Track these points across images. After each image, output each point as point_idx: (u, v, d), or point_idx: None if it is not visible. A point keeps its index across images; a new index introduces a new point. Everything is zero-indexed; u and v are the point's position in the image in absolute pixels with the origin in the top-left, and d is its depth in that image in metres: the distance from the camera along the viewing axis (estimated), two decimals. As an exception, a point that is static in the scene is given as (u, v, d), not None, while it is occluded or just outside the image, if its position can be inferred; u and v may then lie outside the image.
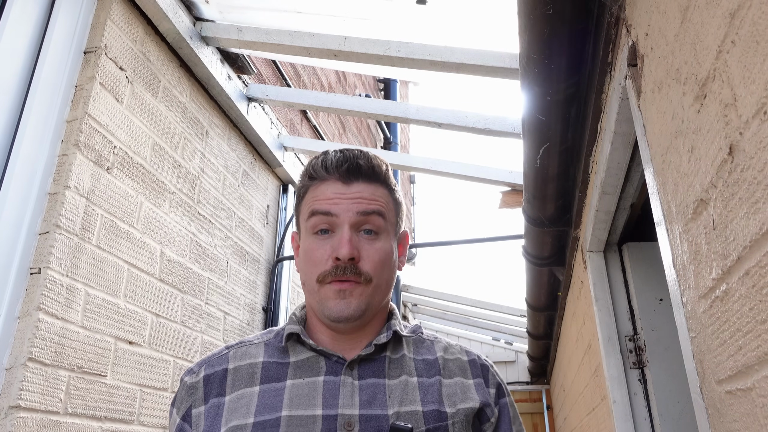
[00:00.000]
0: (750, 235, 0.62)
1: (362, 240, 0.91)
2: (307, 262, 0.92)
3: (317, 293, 0.91)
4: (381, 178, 0.96)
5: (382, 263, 0.91)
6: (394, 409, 0.83)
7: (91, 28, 1.83)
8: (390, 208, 0.96)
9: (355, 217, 0.90)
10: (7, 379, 1.42)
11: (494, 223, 11.85)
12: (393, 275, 0.97)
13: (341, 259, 0.87)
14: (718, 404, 0.79)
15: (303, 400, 0.84)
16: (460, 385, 0.91)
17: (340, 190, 0.92)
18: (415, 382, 0.88)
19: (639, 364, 1.91)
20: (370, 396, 0.84)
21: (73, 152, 1.65)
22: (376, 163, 0.95)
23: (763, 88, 0.56)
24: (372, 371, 0.88)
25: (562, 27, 1.33)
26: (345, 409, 0.82)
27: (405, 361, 0.91)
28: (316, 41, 2.25)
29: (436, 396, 0.87)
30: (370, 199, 0.92)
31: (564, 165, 1.94)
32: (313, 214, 0.92)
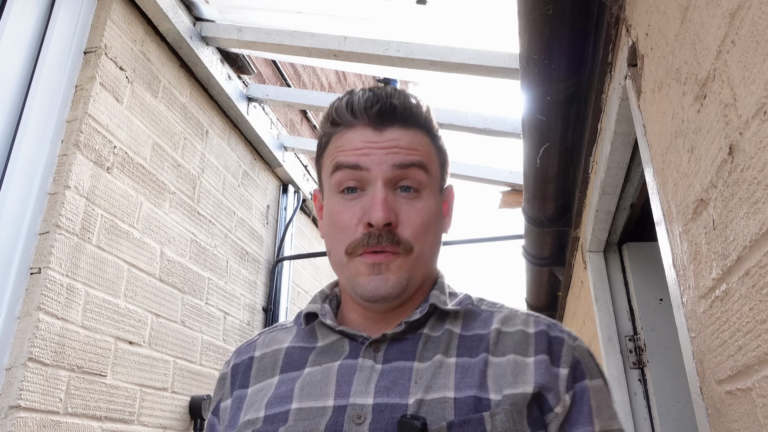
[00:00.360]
0: (750, 235, 0.62)
1: (400, 200, 0.74)
2: (333, 229, 0.76)
3: (346, 267, 0.76)
4: (421, 122, 0.78)
5: (425, 227, 0.75)
6: (417, 397, 0.66)
7: (91, 28, 1.83)
8: (433, 158, 0.79)
9: (390, 171, 0.73)
10: (7, 379, 1.42)
11: (494, 223, 11.89)
12: (438, 241, 0.81)
13: (375, 225, 0.71)
14: (718, 404, 0.79)
15: (315, 389, 0.72)
16: (513, 364, 0.70)
17: (370, 138, 0.75)
18: (452, 363, 0.71)
19: (639, 364, 1.91)
20: (390, 381, 0.69)
21: (73, 152, 1.65)
22: (414, 103, 0.78)
23: (763, 88, 0.56)
24: (400, 353, 0.72)
25: (562, 27, 1.33)
26: (357, 397, 0.68)
27: (446, 338, 0.74)
28: (316, 41, 2.25)
29: (477, 379, 0.68)
30: (409, 149, 0.75)
31: (564, 165, 1.94)
32: (337, 167, 0.75)
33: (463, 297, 0.81)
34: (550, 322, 0.77)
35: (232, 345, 2.49)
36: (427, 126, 0.80)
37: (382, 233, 0.72)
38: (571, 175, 2.06)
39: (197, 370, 2.18)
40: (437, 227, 0.79)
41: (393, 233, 0.73)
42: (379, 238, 0.72)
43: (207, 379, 2.24)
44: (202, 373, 2.21)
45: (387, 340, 0.74)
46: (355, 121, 0.77)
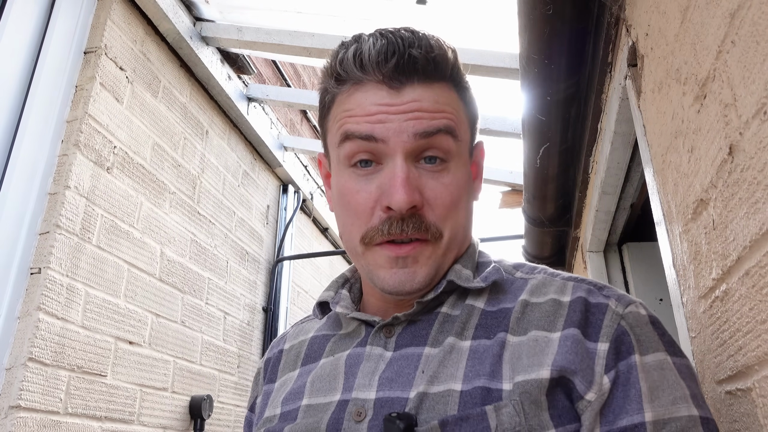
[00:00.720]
0: (750, 235, 0.62)
1: (424, 174, 0.62)
2: (347, 211, 0.65)
3: (362, 257, 0.65)
4: (447, 74, 0.65)
5: (456, 205, 0.63)
6: (419, 390, 0.57)
7: (91, 28, 1.83)
8: (462, 118, 0.66)
9: (412, 142, 0.61)
10: (8, 379, 1.42)
11: (494, 223, 11.85)
12: (471, 213, 0.69)
13: (396, 210, 0.60)
14: (718, 404, 0.79)
15: (324, 383, 0.65)
16: (533, 343, 0.58)
17: (386, 99, 0.61)
18: (465, 347, 0.60)
19: (639, 364, 1.91)
20: (395, 372, 0.60)
21: (74, 152, 1.65)
22: (439, 52, 0.64)
23: (763, 89, 0.56)
24: (412, 337, 0.63)
25: (562, 27, 1.33)
26: (360, 391, 0.61)
27: (465, 316, 0.63)
28: (316, 41, 2.25)
29: (488, 366, 0.57)
30: (434, 111, 0.62)
31: (564, 165, 1.94)
32: (346, 137, 0.63)
33: (491, 269, 0.67)
34: (595, 285, 0.63)
35: (232, 345, 2.49)
36: (454, 77, 0.66)
37: (406, 218, 0.60)
38: (571, 175, 2.06)
39: (197, 370, 2.18)
40: (469, 200, 0.68)
41: (419, 217, 0.61)
42: (403, 224, 0.60)
43: (207, 379, 2.24)
44: (202, 373, 2.21)
45: (402, 323, 0.65)
46: (365, 77, 0.63)
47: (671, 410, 0.54)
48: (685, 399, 0.55)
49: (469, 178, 0.68)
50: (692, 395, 0.55)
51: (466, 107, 0.68)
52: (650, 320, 0.59)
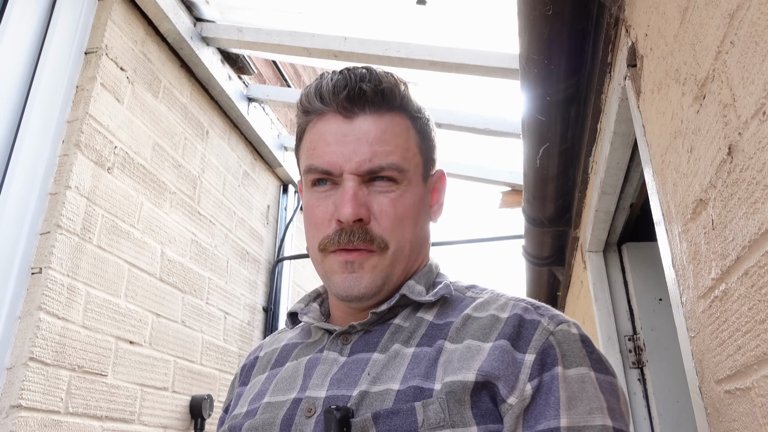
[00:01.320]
0: (749, 235, 0.62)
1: (374, 192, 0.71)
2: (309, 224, 0.75)
3: (321, 264, 0.74)
4: (396, 104, 0.73)
5: (401, 221, 0.71)
6: (362, 389, 0.64)
7: (92, 28, 1.84)
8: (410, 145, 0.74)
9: (360, 171, 0.70)
10: (9, 378, 1.42)
11: (494, 223, 11.87)
12: (422, 232, 0.76)
13: (344, 222, 0.69)
14: (717, 404, 0.80)
15: (285, 383, 0.72)
16: (466, 349, 0.65)
17: (341, 129, 0.71)
18: (408, 353, 0.67)
19: (638, 364, 1.91)
20: (344, 374, 0.68)
21: (74, 152, 1.65)
22: (386, 86, 0.72)
23: (762, 89, 0.56)
24: (365, 344, 0.71)
25: (562, 27, 1.34)
26: (313, 390, 0.68)
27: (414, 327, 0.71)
28: (316, 41, 2.25)
29: (424, 368, 0.64)
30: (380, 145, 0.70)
31: (564, 165, 1.94)
32: (309, 170, 0.73)
33: (441, 286, 0.75)
34: (533, 305, 0.69)
35: (233, 345, 2.49)
36: (404, 107, 0.74)
37: (354, 230, 0.69)
38: (571, 175, 2.06)
39: (198, 369, 2.18)
40: (419, 218, 0.75)
41: (365, 230, 0.69)
42: (351, 235, 0.69)
43: (207, 378, 2.24)
44: (202, 372, 2.21)
45: (358, 332, 0.72)
46: (325, 108, 0.73)
47: (586, 419, 0.59)
48: (601, 410, 0.60)
49: (423, 200, 0.76)
50: (609, 408, 0.60)
51: (418, 135, 0.76)
52: (580, 338, 0.65)
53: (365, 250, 0.70)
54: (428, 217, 0.79)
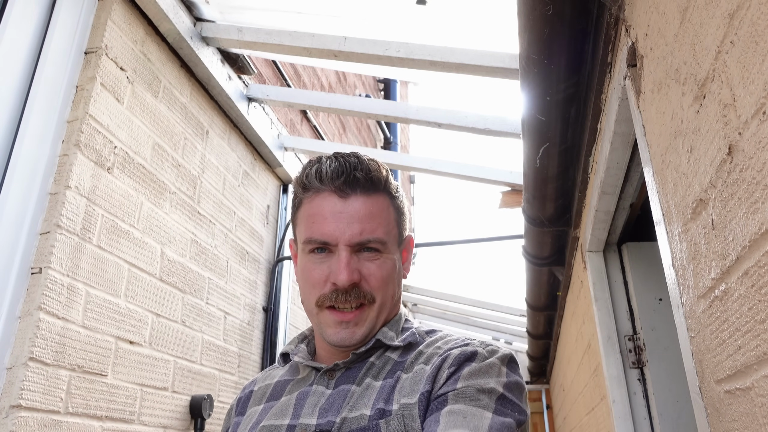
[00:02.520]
0: (749, 235, 0.62)
1: (363, 258, 0.87)
2: (305, 282, 0.90)
3: (316, 317, 0.89)
4: (381, 187, 0.90)
5: (386, 281, 0.88)
6: (342, 415, 0.80)
7: (92, 28, 1.83)
8: (391, 220, 0.91)
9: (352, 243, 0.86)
10: (8, 378, 1.42)
11: (494, 223, 11.81)
12: (398, 288, 0.94)
13: (340, 286, 0.84)
14: (717, 404, 0.80)
15: (279, 411, 0.87)
16: (415, 375, 0.83)
17: (336, 206, 0.87)
18: (377, 385, 0.84)
19: (638, 364, 1.91)
20: (330, 404, 0.83)
21: (74, 152, 1.65)
22: (375, 175, 0.89)
23: (762, 89, 0.56)
24: (347, 378, 0.87)
25: (562, 27, 1.34)
26: (305, 418, 0.83)
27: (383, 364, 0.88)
28: (316, 41, 2.25)
29: (386, 395, 0.81)
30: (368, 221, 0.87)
31: (564, 165, 1.94)
32: (309, 242, 0.88)
33: (408, 333, 0.92)
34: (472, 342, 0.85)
35: (233, 345, 2.49)
36: (387, 189, 0.91)
37: (348, 290, 0.85)
38: (571, 175, 2.06)
39: (198, 369, 2.18)
40: (397, 278, 0.92)
41: (359, 288, 0.86)
42: (346, 294, 0.85)
43: (207, 378, 2.24)
44: (202, 372, 2.21)
45: (341, 369, 0.88)
46: (323, 188, 0.88)
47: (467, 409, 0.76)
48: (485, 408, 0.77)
49: (398, 262, 0.93)
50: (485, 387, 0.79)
51: (395, 211, 0.93)
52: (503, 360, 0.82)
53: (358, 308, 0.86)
54: (401, 276, 0.96)
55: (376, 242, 0.87)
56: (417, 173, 7.34)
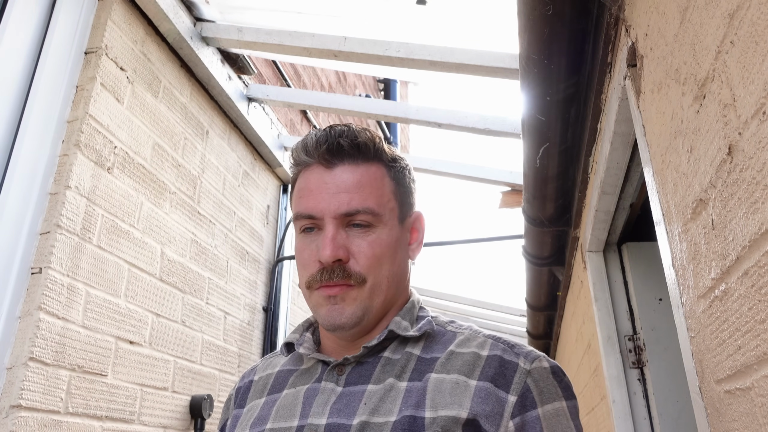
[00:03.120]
0: (749, 235, 0.62)
1: (353, 234, 0.80)
2: (298, 264, 0.85)
3: (309, 299, 0.84)
4: (370, 155, 0.83)
5: (378, 258, 0.80)
6: (362, 419, 0.72)
7: (92, 28, 1.84)
8: (385, 191, 0.83)
9: (338, 215, 0.79)
10: (8, 378, 1.42)
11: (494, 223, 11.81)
12: (399, 268, 0.84)
13: (324, 262, 0.78)
14: (717, 404, 0.80)
15: (286, 411, 0.80)
16: (454, 384, 0.73)
17: (323, 177, 0.81)
18: (402, 387, 0.75)
19: (638, 364, 1.91)
20: (343, 404, 0.76)
21: (74, 152, 1.65)
22: (362, 139, 0.83)
23: (762, 89, 0.56)
24: (359, 375, 0.79)
25: (562, 27, 1.34)
26: (314, 418, 0.76)
27: (404, 361, 0.79)
28: (316, 41, 2.25)
29: (415, 399, 0.73)
30: (356, 191, 0.80)
31: (563, 165, 1.94)
32: (296, 217, 0.84)
33: (425, 322, 0.84)
34: (509, 344, 0.79)
35: (233, 345, 2.49)
36: (377, 157, 0.84)
37: (334, 268, 0.78)
38: (571, 175, 2.06)
39: (198, 369, 2.18)
40: (395, 257, 0.83)
41: (344, 268, 0.79)
42: (331, 273, 0.78)
43: (207, 378, 2.24)
44: (202, 372, 2.21)
45: (351, 363, 0.81)
46: (310, 161, 0.84)
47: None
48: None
49: (399, 240, 0.85)
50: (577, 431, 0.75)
51: (393, 182, 0.85)
52: (551, 371, 0.76)
53: (345, 285, 0.79)
54: (406, 255, 0.87)
55: (366, 213, 0.80)
56: (417, 173, 7.33)
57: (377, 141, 0.85)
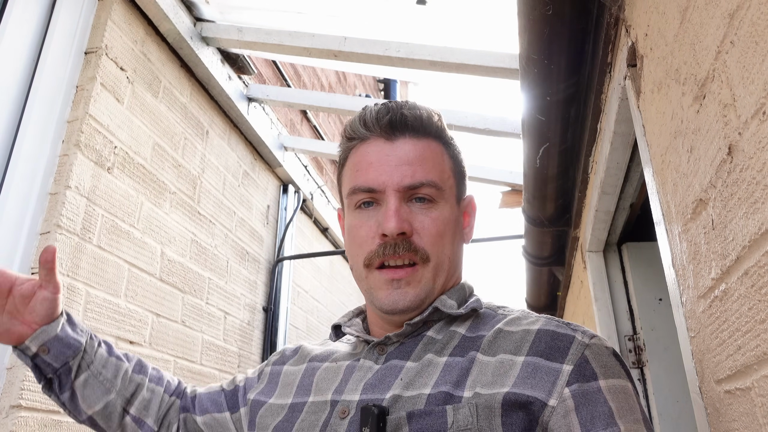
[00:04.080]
0: (749, 235, 0.62)
1: (415, 210, 0.77)
2: (352, 243, 0.80)
3: (365, 280, 0.79)
4: (432, 131, 0.81)
5: (441, 236, 0.77)
6: (395, 393, 0.70)
7: (92, 28, 1.83)
8: (445, 168, 0.81)
9: (401, 188, 0.76)
10: (9, 378, 1.42)
11: (494, 223, 11.87)
12: (458, 250, 0.82)
13: (389, 235, 0.74)
14: (717, 404, 0.80)
15: (324, 384, 0.79)
16: (499, 363, 0.69)
17: (383, 150, 0.78)
18: (441, 362, 0.72)
19: (638, 364, 1.91)
20: (378, 380, 0.74)
21: (74, 152, 1.65)
22: (425, 114, 0.80)
23: (762, 89, 0.56)
24: (399, 353, 0.76)
25: (562, 27, 1.34)
26: (347, 394, 0.74)
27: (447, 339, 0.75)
28: (316, 41, 2.25)
29: (455, 376, 0.69)
30: (419, 164, 0.77)
31: (563, 165, 1.94)
32: (353, 192, 0.79)
33: (473, 300, 0.81)
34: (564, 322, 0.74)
35: (233, 345, 2.49)
36: (438, 134, 0.82)
37: (398, 242, 0.74)
38: (571, 175, 2.06)
39: (198, 369, 2.18)
40: (455, 236, 0.81)
41: (409, 242, 0.75)
42: (396, 247, 0.74)
43: (207, 378, 2.24)
44: (202, 372, 2.21)
45: (393, 343, 0.78)
46: (368, 134, 0.80)
47: (635, 428, 0.64)
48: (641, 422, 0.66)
49: (457, 220, 0.82)
50: (644, 419, 0.67)
51: (452, 160, 0.83)
52: (612, 352, 0.71)
53: (409, 265, 0.75)
54: (461, 238, 0.84)
55: (430, 186, 0.77)
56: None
57: (437, 117, 0.82)
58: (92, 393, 0.88)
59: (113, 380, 0.89)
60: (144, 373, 0.94)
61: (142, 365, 0.95)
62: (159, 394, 0.94)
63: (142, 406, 0.91)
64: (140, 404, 0.91)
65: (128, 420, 0.90)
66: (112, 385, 0.89)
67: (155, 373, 0.96)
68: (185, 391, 0.97)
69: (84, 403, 0.88)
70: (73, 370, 0.87)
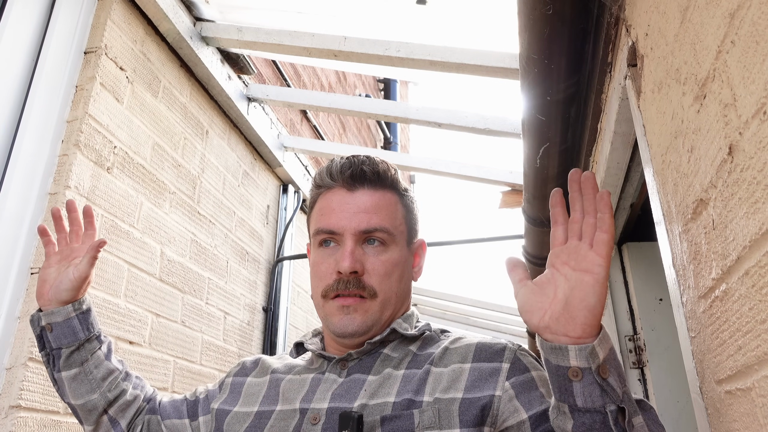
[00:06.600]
0: (750, 235, 0.62)
1: (368, 251, 0.90)
2: (313, 276, 0.94)
3: (322, 309, 0.92)
4: (387, 183, 0.94)
5: (389, 275, 0.90)
6: (362, 401, 0.82)
7: (92, 28, 1.83)
8: (398, 215, 0.94)
9: (357, 232, 0.89)
10: (8, 378, 1.42)
11: (494, 223, 11.86)
12: (405, 287, 0.95)
13: (343, 273, 0.87)
14: (718, 404, 0.80)
15: (291, 394, 0.90)
16: (451, 372, 0.84)
17: (345, 198, 0.92)
18: (399, 374, 0.86)
19: (639, 364, 1.91)
20: (344, 390, 0.86)
21: (74, 152, 1.65)
22: (381, 169, 0.94)
23: (762, 88, 0.56)
24: (360, 368, 0.89)
25: (562, 27, 1.33)
26: (316, 403, 0.85)
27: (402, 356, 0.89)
28: (316, 41, 2.25)
29: (415, 385, 0.83)
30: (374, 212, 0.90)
31: (564, 165, 1.94)
32: (317, 232, 0.93)
33: (423, 324, 0.96)
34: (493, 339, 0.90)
35: (233, 345, 2.49)
36: (393, 186, 0.95)
37: (350, 280, 0.88)
38: (571, 175, 2.05)
39: (197, 369, 2.18)
40: (403, 275, 0.94)
41: (359, 280, 0.88)
42: (348, 284, 0.88)
43: (207, 379, 2.24)
44: (202, 373, 2.21)
45: (353, 360, 0.90)
46: (333, 184, 0.94)
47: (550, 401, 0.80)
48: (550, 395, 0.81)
49: (407, 261, 0.95)
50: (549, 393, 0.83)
51: (404, 208, 0.97)
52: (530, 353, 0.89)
53: (358, 296, 0.88)
54: (410, 276, 0.98)
55: (382, 232, 0.90)
56: (417, 173, 7.33)
57: (393, 172, 0.96)
58: (78, 388, 0.99)
59: (101, 382, 1.00)
60: (129, 381, 1.06)
61: (128, 374, 1.07)
62: (138, 400, 1.05)
63: (120, 409, 1.03)
64: (119, 407, 1.02)
65: (105, 419, 1.02)
66: (99, 386, 1.00)
67: (138, 381, 1.08)
68: (155, 398, 1.09)
69: (69, 393, 1.00)
70: (62, 356, 0.99)
